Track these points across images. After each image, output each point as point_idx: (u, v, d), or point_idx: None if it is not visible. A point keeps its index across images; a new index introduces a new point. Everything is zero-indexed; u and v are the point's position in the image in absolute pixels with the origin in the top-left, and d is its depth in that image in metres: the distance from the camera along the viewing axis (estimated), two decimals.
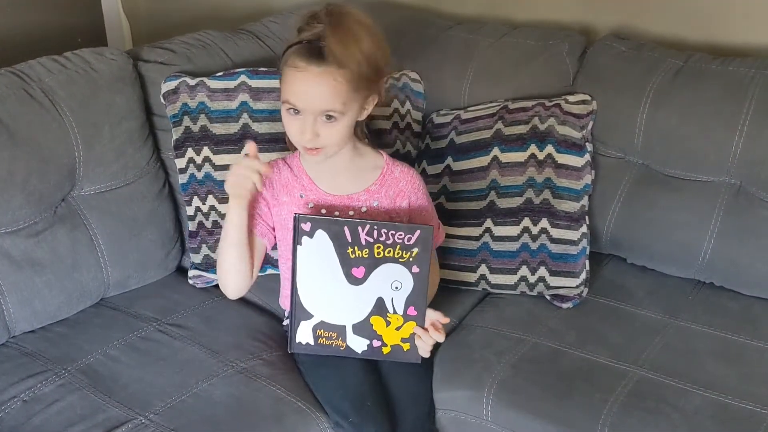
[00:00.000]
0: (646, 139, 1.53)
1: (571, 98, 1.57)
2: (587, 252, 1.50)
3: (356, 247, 1.24)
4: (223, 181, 1.49)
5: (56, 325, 1.41)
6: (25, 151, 1.35)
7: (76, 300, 1.43)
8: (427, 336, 1.26)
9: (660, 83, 1.52)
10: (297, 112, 1.21)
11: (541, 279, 1.48)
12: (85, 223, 1.44)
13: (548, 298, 1.49)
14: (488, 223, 1.51)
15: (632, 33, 1.73)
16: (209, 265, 1.54)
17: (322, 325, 1.27)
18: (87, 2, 2.45)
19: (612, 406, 1.23)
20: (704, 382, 1.27)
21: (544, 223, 1.48)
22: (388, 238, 1.24)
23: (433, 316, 1.27)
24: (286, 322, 1.45)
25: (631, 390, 1.26)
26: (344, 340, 1.27)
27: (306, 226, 1.24)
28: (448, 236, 1.51)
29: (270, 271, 1.55)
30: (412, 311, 1.26)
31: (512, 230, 1.50)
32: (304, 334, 1.28)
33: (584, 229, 1.50)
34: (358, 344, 1.28)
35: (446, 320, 1.28)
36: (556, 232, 1.48)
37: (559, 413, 1.24)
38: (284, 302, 1.43)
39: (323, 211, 1.31)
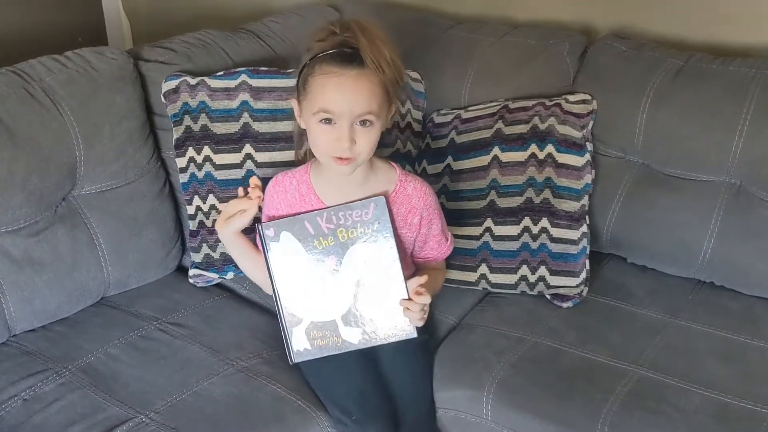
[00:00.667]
0: (646, 139, 1.53)
1: (571, 98, 1.57)
2: (587, 251, 1.50)
3: (321, 238, 1.24)
4: (223, 180, 1.51)
5: (56, 324, 1.42)
6: (25, 151, 1.35)
7: (76, 299, 1.43)
8: (413, 303, 1.23)
9: (660, 83, 1.52)
10: (329, 121, 1.18)
11: (542, 278, 1.48)
12: (86, 223, 1.44)
13: (548, 297, 1.50)
14: (488, 222, 1.51)
15: (633, 32, 1.73)
16: (210, 264, 1.54)
17: (313, 326, 1.26)
18: (87, 1, 2.45)
19: (612, 406, 1.23)
20: (704, 381, 1.27)
21: (544, 222, 1.49)
22: (347, 220, 1.24)
23: (412, 283, 1.24)
24: None
25: (631, 389, 1.26)
26: (338, 335, 1.26)
27: (270, 232, 1.25)
28: None
29: None
30: None
31: (512, 230, 1.50)
32: (299, 341, 1.27)
33: (584, 228, 1.50)
34: (353, 335, 1.27)
35: (424, 279, 1.23)
36: (556, 232, 1.48)
37: (559, 413, 1.24)
38: None
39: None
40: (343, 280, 1.25)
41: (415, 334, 1.26)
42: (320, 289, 1.26)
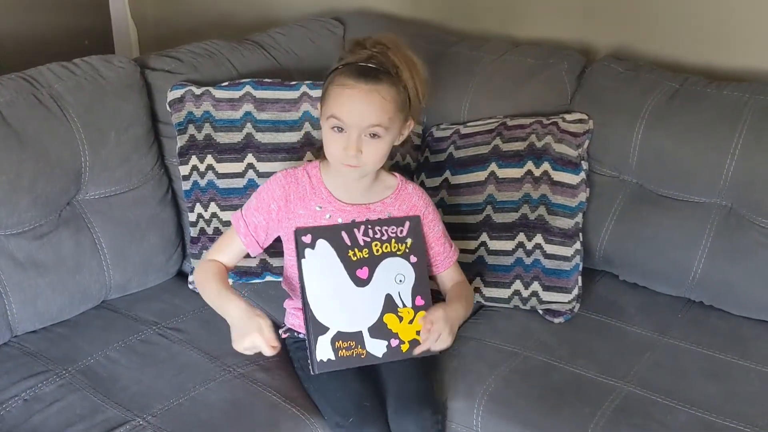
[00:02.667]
0: (640, 159, 1.56)
1: (568, 117, 1.60)
2: (580, 268, 1.53)
3: (356, 249, 1.29)
4: (225, 189, 1.54)
5: (58, 326, 1.44)
6: (32, 155, 1.38)
7: (77, 302, 1.46)
8: (427, 334, 1.27)
9: (656, 105, 1.55)
10: (341, 129, 1.25)
11: (534, 293, 1.51)
12: (89, 227, 1.47)
13: (541, 312, 1.52)
14: (484, 237, 1.54)
15: (631, 53, 1.76)
16: None
17: (339, 336, 1.27)
18: (95, 6, 2.48)
19: (599, 421, 1.26)
20: (691, 399, 1.29)
21: (538, 238, 1.51)
22: (383, 234, 1.30)
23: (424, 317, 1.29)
24: (282, 332, 1.47)
25: (618, 405, 1.29)
26: (363, 347, 1.27)
27: (307, 239, 1.28)
28: None
29: (269, 278, 1.58)
30: (419, 301, 1.30)
31: (507, 245, 1.53)
32: (323, 351, 1.27)
33: (578, 245, 1.53)
34: (378, 348, 1.28)
35: (432, 315, 1.28)
36: (550, 248, 1.51)
37: (548, 426, 1.27)
38: (289, 319, 1.45)
39: (339, 220, 1.33)
40: (372, 292, 1.28)
41: (436, 352, 1.31)
42: (350, 300, 1.28)
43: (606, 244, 1.59)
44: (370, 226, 1.30)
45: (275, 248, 1.54)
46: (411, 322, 1.30)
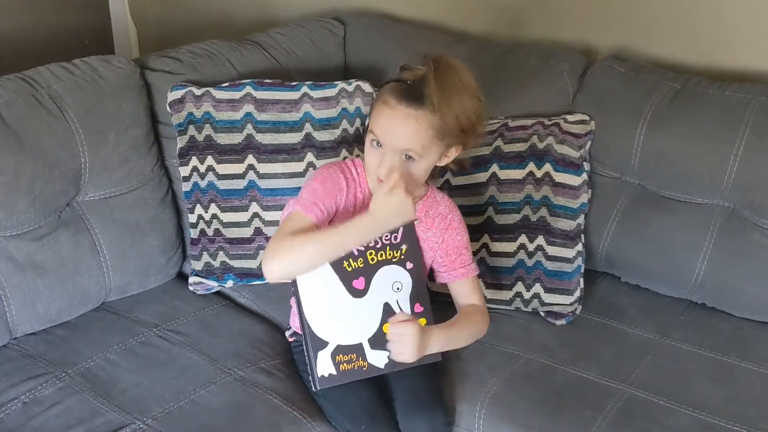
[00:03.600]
0: (642, 160, 1.55)
1: (570, 118, 1.59)
2: (582, 270, 1.53)
3: (351, 259, 1.27)
4: (225, 190, 1.53)
5: (57, 328, 1.44)
6: (31, 156, 1.37)
7: (77, 303, 1.45)
8: (398, 326, 1.20)
9: (658, 106, 1.54)
10: (378, 144, 1.25)
11: (536, 295, 1.50)
12: (89, 228, 1.47)
13: (542, 314, 1.52)
14: (485, 238, 1.54)
15: (632, 54, 1.75)
16: (209, 272, 1.57)
17: (339, 349, 1.26)
18: (95, 5, 2.48)
19: (601, 424, 1.25)
20: (692, 402, 1.29)
21: (540, 240, 1.51)
22: (377, 243, 1.28)
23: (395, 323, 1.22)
24: (287, 334, 1.47)
25: (620, 408, 1.28)
26: (364, 358, 1.26)
27: None
28: None
29: None
30: (418, 308, 1.29)
31: (509, 246, 1.52)
32: (324, 366, 1.26)
33: (580, 247, 1.52)
34: (379, 358, 1.27)
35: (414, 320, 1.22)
36: (551, 250, 1.51)
37: (550, 428, 1.26)
38: (295, 321, 1.43)
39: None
40: (370, 302, 1.27)
41: (439, 358, 1.28)
42: (348, 312, 1.27)
43: (608, 246, 1.59)
44: None
45: None
46: None
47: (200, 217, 1.55)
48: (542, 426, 1.27)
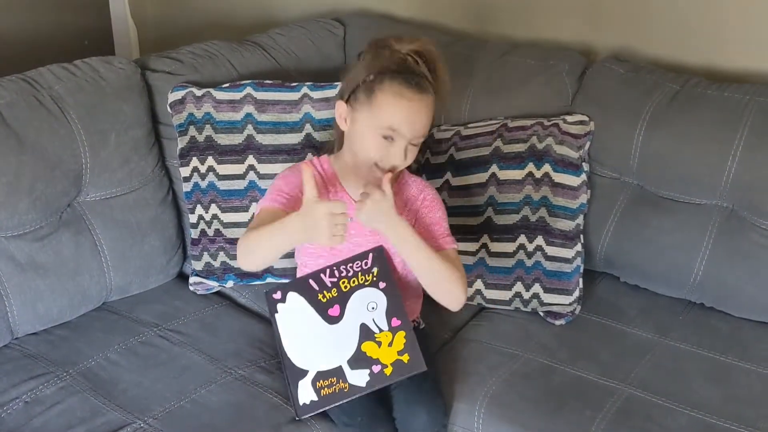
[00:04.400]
0: (641, 161, 1.56)
1: (569, 118, 1.60)
2: (581, 270, 1.53)
3: (325, 291, 1.30)
4: (226, 190, 1.54)
5: (58, 328, 1.44)
6: (32, 157, 1.38)
7: (78, 304, 1.46)
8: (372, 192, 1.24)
9: (657, 106, 1.55)
10: (390, 137, 1.27)
11: (536, 295, 1.51)
12: (90, 229, 1.47)
13: (542, 314, 1.52)
14: (485, 238, 1.54)
15: (632, 54, 1.76)
16: (210, 272, 1.57)
17: (319, 375, 1.26)
18: (96, 6, 2.48)
19: (600, 423, 1.26)
20: (691, 401, 1.30)
21: (539, 240, 1.51)
22: (348, 272, 1.31)
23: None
24: None
25: (619, 408, 1.29)
26: (345, 380, 1.26)
27: (277, 296, 1.30)
28: None
29: (270, 279, 1.58)
30: (395, 322, 1.28)
31: (508, 247, 1.53)
32: (305, 394, 1.26)
33: (579, 247, 1.53)
34: (360, 378, 1.26)
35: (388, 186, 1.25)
36: (551, 250, 1.51)
37: (549, 428, 1.27)
38: None
39: (349, 219, 1.29)
40: (347, 326, 1.28)
41: (424, 368, 1.26)
42: (325, 340, 1.28)
43: (607, 246, 1.59)
44: (335, 267, 1.31)
45: None
46: (390, 344, 1.27)
47: (201, 217, 1.56)
48: (542, 425, 1.28)
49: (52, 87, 1.45)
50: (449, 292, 1.32)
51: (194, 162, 1.55)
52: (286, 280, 1.48)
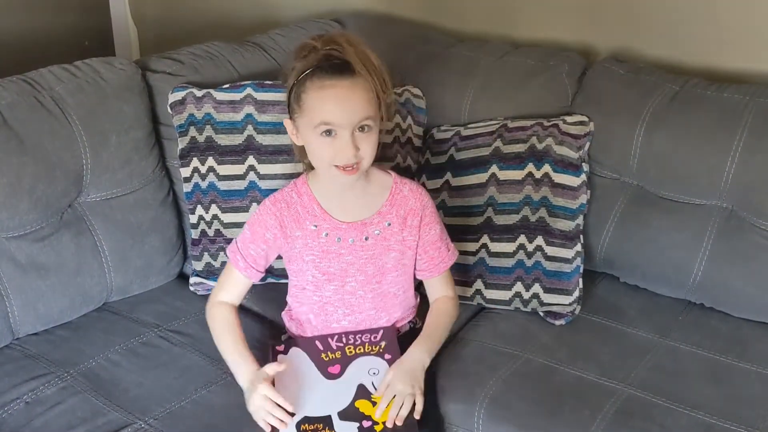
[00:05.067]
0: (641, 161, 1.56)
1: (569, 119, 1.60)
2: (581, 270, 1.53)
3: (329, 352, 1.31)
4: (226, 191, 1.54)
5: (59, 329, 1.44)
6: (33, 158, 1.38)
7: (79, 304, 1.46)
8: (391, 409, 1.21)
9: (656, 107, 1.55)
10: (330, 133, 1.21)
11: (535, 295, 1.51)
12: (90, 229, 1.47)
13: (542, 314, 1.53)
14: (485, 238, 1.54)
15: (631, 55, 1.76)
16: (210, 272, 1.57)
17: (305, 420, 1.21)
18: (96, 6, 2.49)
19: (600, 423, 1.26)
20: (691, 402, 1.30)
21: (539, 240, 1.52)
22: (356, 341, 1.33)
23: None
24: (285, 338, 1.47)
25: (619, 408, 1.29)
26: (331, 428, 1.20)
27: (280, 348, 1.33)
28: None
29: (270, 280, 1.58)
30: None
31: (508, 247, 1.53)
32: None
33: (579, 247, 1.53)
34: (348, 429, 1.21)
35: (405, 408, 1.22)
36: (551, 250, 1.51)
37: (549, 428, 1.27)
38: (286, 316, 1.46)
39: (338, 239, 1.31)
40: (344, 384, 1.27)
41: (416, 428, 1.21)
42: (319, 390, 1.26)
43: (607, 246, 1.59)
44: (344, 335, 1.33)
45: None
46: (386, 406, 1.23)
47: (201, 217, 1.56)
48: (541, 426, 1.28)
49: (53, 88, 1.45)
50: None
51: (195, 162, 1.55)
52: (286, 281, 1.49)
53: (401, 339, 1.36)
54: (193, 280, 1.59)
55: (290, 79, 1.26)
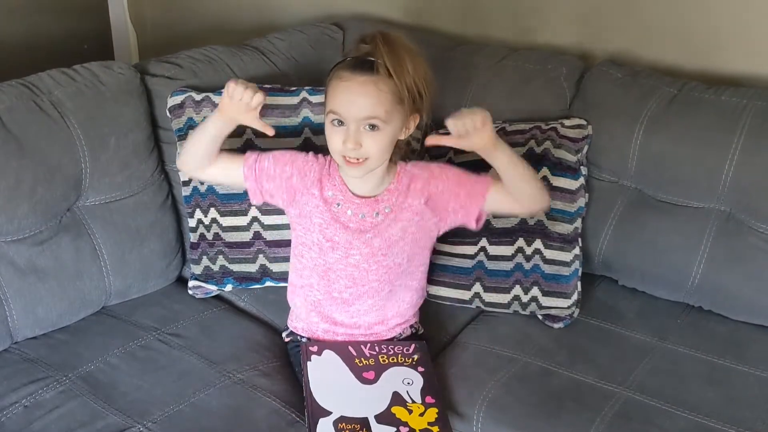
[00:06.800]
0: (639, 164, 1.56)
1: (567, 122, 1.60)
2: (579, 273, 1.54)
3: (362, 358, 1.33)
4: (225, 194, 1.54)
5: (58, 332, 1.44)
6: (32, 161, 1.38)
7: (77, 308, 1.46)
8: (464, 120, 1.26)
9: (654, 110, 1.55)
10: (341, 123, 1.26)
11: (534, 299, 1.51)
12: (89, 233, 1.47)
13: (540, 317, 1.53)
14: (483, 242, 1.54)
15: (629, 59, 1.76)
16: (209, 276, 1.58)
17: (342, 419, 1.22)
18: (95, 10, 2.49)
19: (599, 426, 1.26)
20: (690, 404, 1.30)
21: (538, 243, 1.52)
22: (389, 351, 1.35)
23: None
24: (284, 335, 1.48)
25: (617, 411, 1.29)
26: (369, 431, 1.21)
27: (314, 348, 1.34)
28: (444, 254, 1.55)
29: (269, 283, 1.58)
30: (429, 399, 1.28)
31: (507, 250, 1.53)
32: (324, 431, 1.22)
33: (577, 250, 1.53)
34: None
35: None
36: (549, 253, 1.52)
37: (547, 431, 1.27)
38: (291, 297, 1.46)
39: (349, 212, 1.34)
40: (379, 389, 1.28)
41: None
42: (355, 393, 1.27)
43: (605, 249, 1.60)
44: (377, 344, 1.36)
45: (274, 253, 1.55)
46: (422, 414, 1.24)
47: (200, 221, 1.56)
48: (540, 429, 1.28)
49: (52, 92, 1.45)
50: (541, 190, 1.37)
51: None
52: (285, 284, 1.49)
53: (402, 340, 1.37)
54: (191, 283, 1.59)
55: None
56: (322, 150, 1.53)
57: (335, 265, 1.37)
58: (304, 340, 1.43)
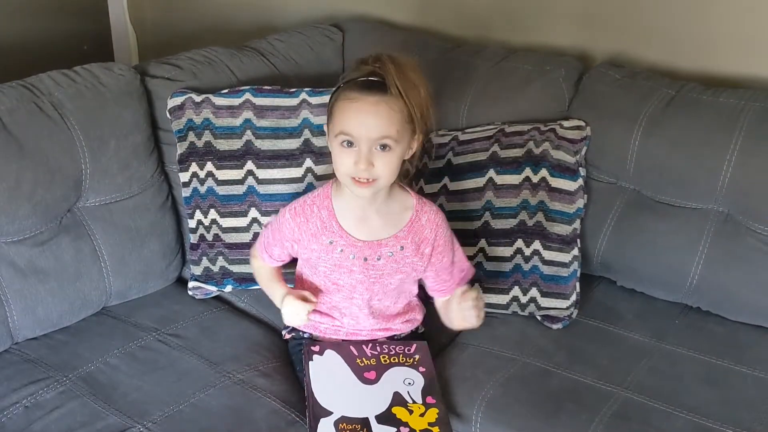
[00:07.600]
0: (637, 166, 1.57)
1: (565, 123, 1.61)
2: (578, 274, 1.54)
3: (363, 358, 1.34)
4: (225, 195, 1.55)
5: (58, 333, 1.45)
6: (32, 163, 1.39)
7: (78, 308, 1.46)
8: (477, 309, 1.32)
9: (653, 112, 1.56)
10: (350, 144, 1.24)
11: (533, 300, 1.52)
12: (89, 234, 1.48)
13: (539, 318, 1.53)
14: (482, 243, 1.55)
15: (628, 60, 1.77)
16: (209, 277, 1.58)
17: (343, 419, 1.23)
18: (95, 11, 2.50)
19: (597, 427, 1.26)
20: (688, 405, 1.30)
21: (536, 244, 1.52)
22: (390, 351, 1.36)
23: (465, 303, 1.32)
24: (284, 332, 1.49)
25: (616, 411, 1.29)
26: (369, 431, 1.22)
27: (315, 348, 1.34)
28: None
29: None
30: (430, 400, 1.29)
31: (505, 251, 1.53)
32: (325, 431, 1.23)
33: (576, 251, 1.54)
34: None
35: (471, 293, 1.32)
36: (548, 254, 1.52)
37: None
38: None
39: (351, 256, 1.33)
40: (380, 390, 1.29)
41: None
42: (356, 393, 1.28)
43: (604, 250, 1.60)
44: (378, 344, 1.38)
45: None
46: (422, 415, 1.26)
47: (200, 222, 1.56)
48: (539, 429, 1.28)
49: (52, 93, 1.45)
50: None
51: (193, 167, 1.55)
52: (291, 286, 1.49)
53: (401, 340, 1.39)
54: (191, 284, 1.60)
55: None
56: (322, 150, 1.55)
57: (340, 303, 1.40)
58: (305, 336, 1.44)
